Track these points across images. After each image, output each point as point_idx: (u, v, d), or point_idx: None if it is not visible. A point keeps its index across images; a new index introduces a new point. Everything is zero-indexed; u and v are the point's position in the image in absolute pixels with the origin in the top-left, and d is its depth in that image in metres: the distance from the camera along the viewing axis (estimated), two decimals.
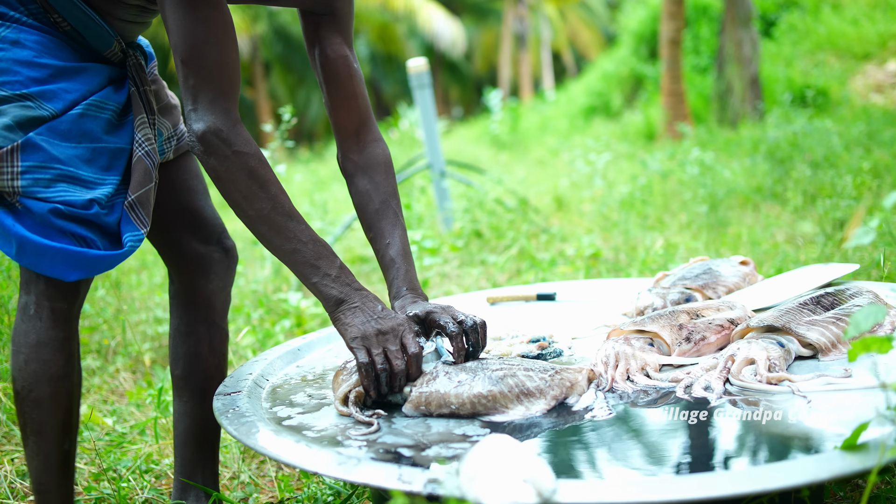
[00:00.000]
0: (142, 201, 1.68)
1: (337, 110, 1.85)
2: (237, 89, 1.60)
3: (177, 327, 2.01)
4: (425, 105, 5.36)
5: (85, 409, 2.73)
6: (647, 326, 1.74)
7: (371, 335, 1.55)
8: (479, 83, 29.27)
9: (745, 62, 10.36)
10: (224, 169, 1.55)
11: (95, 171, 1.63)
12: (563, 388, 1.54)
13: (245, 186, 1.56)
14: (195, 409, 2.01)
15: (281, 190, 1.59)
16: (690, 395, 1.52)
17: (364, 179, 1.84)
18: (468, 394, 1.50)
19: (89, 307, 3.60)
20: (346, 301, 1.58)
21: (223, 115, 1.56)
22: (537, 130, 14.74)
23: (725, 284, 2.08)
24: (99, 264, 1.62)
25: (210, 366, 2.01)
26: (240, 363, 3.13)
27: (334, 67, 1.83)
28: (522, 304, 2.35)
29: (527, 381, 1.53)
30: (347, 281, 1.60)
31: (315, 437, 1.46)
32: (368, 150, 1.86)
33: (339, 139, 1.88)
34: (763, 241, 3.95)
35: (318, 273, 1.59)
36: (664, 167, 6.18)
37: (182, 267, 1.97)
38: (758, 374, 1.54)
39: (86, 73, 1.65)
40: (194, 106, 1.56)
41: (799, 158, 5.49)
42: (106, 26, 1.68)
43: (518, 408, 1.50)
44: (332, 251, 1.62)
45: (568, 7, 28.68)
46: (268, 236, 1.59)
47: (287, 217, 1.58)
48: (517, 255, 4.37)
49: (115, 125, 1.68)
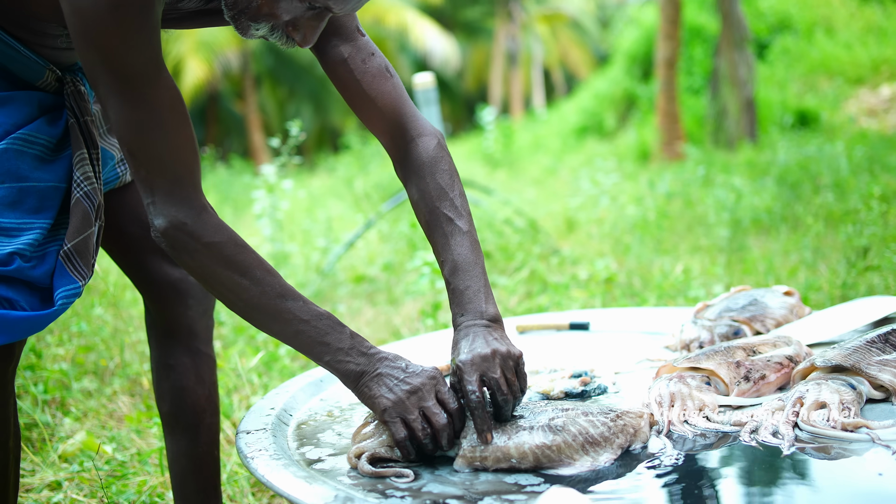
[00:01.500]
0: (80, 250, 1.47)
1: (365, 120, 1.63)
2: (197, 172, 1.41)
3: (158, 360, 1.84)
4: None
5: (83, 435, 2.60)
6: (702, 363, 1.63)
7: (403, 399, 1.38)
8: (469, 100, 29.26)
9: (741, 84, 10.35)
10: (198, 265, 1.39)
11: (21, 214, 1.42)
12: (628, 436, 1.41)
13: (226, 278, 1.39)
14: (190, 447, 1.85)
15: (266, 270, 1.41)
16: (757, 440, 1.41)
17: (412, 189, 1.62)
18: (529, 445, 1.35)
19: (86, 325, 3.47)
20: (367, 372, 1.42)
21: (184, 206, 1.37)
22: (530, 149, 14.69)
23: (773, 317, 1.98)
24: (24, 326, 1.41)
25: (200, 398, 1.84)
26: (245, 388, 3.00)
27: (337, 75, 1.60)
28: (554, 333, 2.23)
29: (590, 428, 1.39)
30: (362, 349, 1.43)
31: (353, 485, 1.34)
32: (408, 152, 1.62)
33: (386, 149, 1.65)
34: (781, 267, 3.85)
35: (330, 350, 1.42)
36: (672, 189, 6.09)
37: (157, 294, 1.80)
38: (830, 418, 1.42)
39: (11, 104, 1.45)
40: (151, 199, 1.37)
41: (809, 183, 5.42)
42: (34, 57, 1.48)
43: (584, 458, 1.36)
44: (338, 321, 1.44)
45: (559, 26, 28.75)
46: (265, 323, 1.43)
47: (280, 298, 1.40)
48: (528, 278, 4.26)
49: (48, 160, 1.47)
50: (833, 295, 3.31)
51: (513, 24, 26.17)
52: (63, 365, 3.16)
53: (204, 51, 17.81)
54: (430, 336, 2.27)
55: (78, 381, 3.12)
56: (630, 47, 15.74)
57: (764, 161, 7.03)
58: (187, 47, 17.64)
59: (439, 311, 3.71)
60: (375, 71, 1.60)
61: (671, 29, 10.31)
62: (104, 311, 3.71)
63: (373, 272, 4.89)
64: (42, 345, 3.30)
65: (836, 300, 3.23)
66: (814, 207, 4.70)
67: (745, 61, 10.39)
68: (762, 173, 6.40)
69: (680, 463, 1.35)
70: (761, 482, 1.27)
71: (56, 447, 2.57)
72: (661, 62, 10.47)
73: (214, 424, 1.88)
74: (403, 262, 4.89)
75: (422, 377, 1.41)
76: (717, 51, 10.68)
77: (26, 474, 2.41)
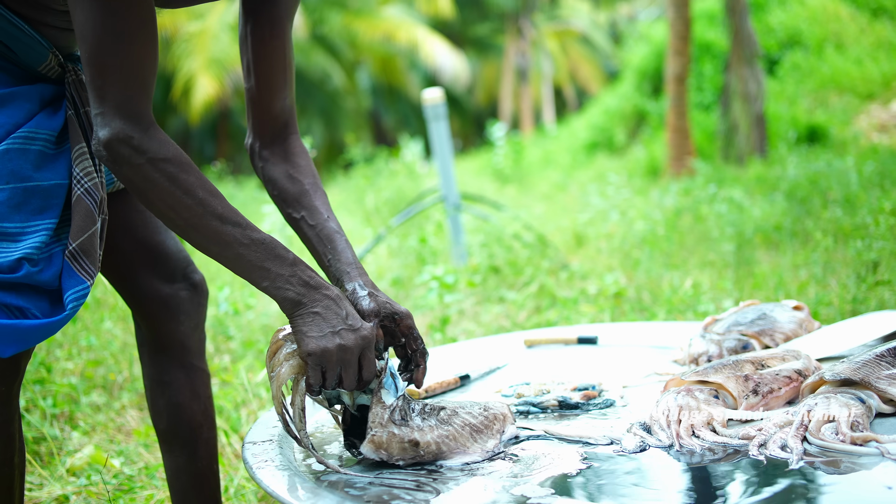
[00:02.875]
0: (85, 249, 1.46)
1: (263, 99, 1.63)
2: (152, 90, 1.39)
3: (152, 377, 1.82)
4: (440, 137, 5.27)
5: (91, 449, 2.60)
6: (710, 377, 1.62)
7: (330, 351, 1.38)
8: (478, 116, 29.31)
9: (751, 100, 10.33)
10: (140, 178, 1.34)
11: (26, 216, 1.41)
12: (500, 422, 1.51)
13: (167, 195, 1.35)
14: (189, 464, 1.83)
15: (210, 192, 1.38)
16: (765, 454, 1.40)
17: (286, 164, 1.63)
18: (431, 435, 1.43)
19: (95, 339, 3.47)
20: (304, 304, 1.39)
21: (133, 120, 1.34)
22: (540, 164, 14.70)
23: (783, 331, 1.97)
24: (37, 334, 1.41)
25: (196, 413, 1.83)
26: (252, 402, 3.00)
27: (269, 56, 1.60)
28: (562, 347, 2.23)
29: (470, 418, 1.48)
30: (304, 278, 1.40)
31: (358, 496, 1.34)
32: (291, 139, 1.66)
33: (258, 127, 1.65)
34: (790, 282, 3.84)
35: (269, 276, 1.38)
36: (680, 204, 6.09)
37: (147, 311, 1.77)
38: (839, 432, 1.41)
39: (13, 103, 1.44)
40: (101, 109, 1.34)
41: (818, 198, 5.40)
42: (37, 36, 1.47)
43: (475, 445, 1.46)
44: (282, 247, 1.41)
45: (569, 42, 28.81)
46: (205, 245, 1.39)
47: (220, 221, 1.37)
48: (537, 293, 4.25)
49: (50, 156, 1.46)
50: (843, 310, 3.29)
51: (523, 41, 26.24)
52: (72, 379, 3.17)
53: (215, 67, 17.90)
54: (439, 349, 2.26)
55: (87, 395, 3.12)
56: (640, 63, 15.75)
57: (774, 176, 7.02)
58: (198, 64, 17.74)
59: (447, 326, 3.71)
60: (293, 62, 1.66)
61: (681, 45, 10.31)
62: (113, 326, 3.72)
63: (382, 286, 4.89)
64: (51, 359, 3.31)
65: (846, 315, 3.21)
66: (823, 222, 4.68)
67: (755, 77, 10.38)
68: (772, 188, 6.38)
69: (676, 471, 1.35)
70: (770, 496, 1.26)
71: (64, 461, 2.57)
72: (671, 78, 10.47)
73: (212, 438, 1.87)
74: (412, 276, 4.89)
75: (356, 335, 1.40)
76: (727, 67, 10.67)
77: (34, 488, 2.41)
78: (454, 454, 1.43)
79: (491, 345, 2.28)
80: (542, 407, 1.71)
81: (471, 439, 1.45)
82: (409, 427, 1.43)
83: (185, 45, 18.11)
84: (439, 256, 5.38)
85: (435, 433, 1.43)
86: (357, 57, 23.22)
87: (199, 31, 18.20)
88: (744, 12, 10.31)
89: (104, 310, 3.92)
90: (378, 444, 1.41)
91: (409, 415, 1.45)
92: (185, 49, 18.06)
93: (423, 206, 5.80)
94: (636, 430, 1.52)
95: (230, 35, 18.28)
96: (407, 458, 1.41)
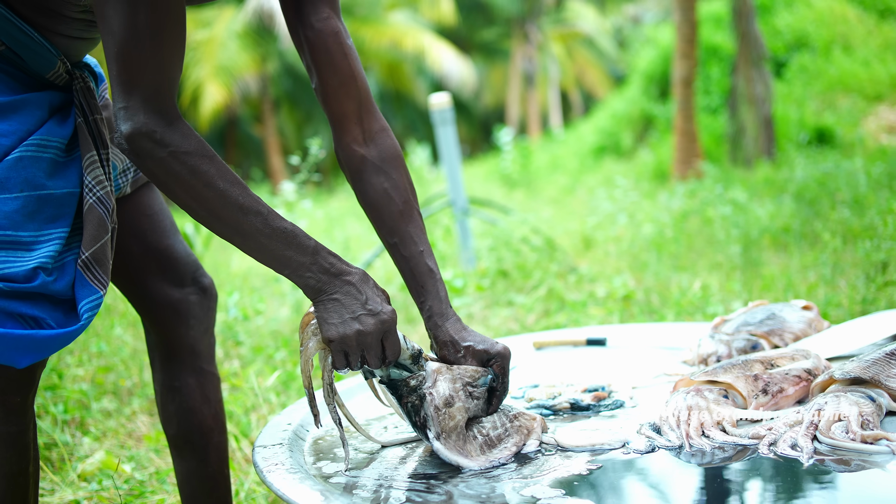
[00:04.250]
0: (97, 258, 1.46)
1: (333, 96, 1.59)
2: (177, 85, 1.40)
3: (162, 382, 1.82)
4: (448, 142, 5.28)
5: (102, 455, 2.61)
6: (719, 377, 1.62)
7: (350, 337, 1.39)
8: (486, 121, 29.33)
9: (758, 102, 10.32)
10: (162, 172, 1.35)
11: (39, 224, 1.41)
12: (522, 436, 1.51)
13: (189, 187, 1.35)
14: (200, 468, 1.84)
15: (231, 181, 1.37)
16: (776, 452, 1.40)
17: (380, 176, 1.58)
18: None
19: (105, 346, 3.49)
20: (325, 291, 1.41)
21: (158, 115, 1.34)
22: (548, 169, 14.70)
23: (792, 331, 1.96)
24: (52, 345, 1.40)
25: (207, 418, 1.83)
26: (262, 407, 3.01)
27: (326, 45, 1.57)
28: (571, 349, 2.23)
29: (491, 430, 1.50)
30: (325, 266, 1.41)
31: (370, 498, 1.34)
32: (379, 140, 1.60)
33: (340, 129, 1.61)
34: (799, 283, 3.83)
35: (290, 264, 1.40)
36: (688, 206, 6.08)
37: (157, 316, 1.78)
38: (850, 431, 1.41)
39: (24, 110, 1.44)
40: (126, 104, 1.34)
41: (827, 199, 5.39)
42: (47, 44, 1.46)
43: (480, 458, 1.46)
44: (304, 235, 1.41)
45: (575, 46, 28.82)
46: (228, 235, 1.40)
47: (241, 211, 1.37)
48: (545, 296, 4.25)
49: (61, 164, 1.46)
50: (853, 311, 3.29)
51: (529, 46, 26.26)
52: (83, 385, 3.18)
53: (223, 75, 17.96)
54: None
55: (97, 401, 3.14)
56: (647, 67, 15.74)
57: (782, 178, 7.01)
58: (206, 72, 17.80)
59: None
60: (356, 54, 1.62)
61: (688, 48, 10.30)
62: (123, 332, 3.74)
63: (390, 291, 4.89)
64: (62, 365, 3.33)
65: (855, 316, 3.20)
66: (832, 223, 4.67)
67: (762, 79, 10.37)
68: (780, 190, 6.37)
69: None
70: (780, 495, 1.26)
71: (75, 466, 2.58)
72: (678, 81, 10.46)
73: (223, 443, 1.88)
74: None
75: (376, 319, 1.41)
76: (734, 69, 10.66)
77: (46, 493, 2.42)
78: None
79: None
80: (553, 409, 1.71)
81: (479, 450, 1.46)
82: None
83: (193, 53, 18.17)
84: (448, 261, 5.38)
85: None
86: (364, 63, 23.23)
87: (207, 39, 18.26)
88: (750, 15, 10.31)
89: (114, 316, 3.94)
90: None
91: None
92: (194, 57, 18.12)
93: (431, 211, 5.81)
94: (646, 431, 1.52)
95: (238, 43, 18.34)
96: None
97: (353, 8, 21.53)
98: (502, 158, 13.59)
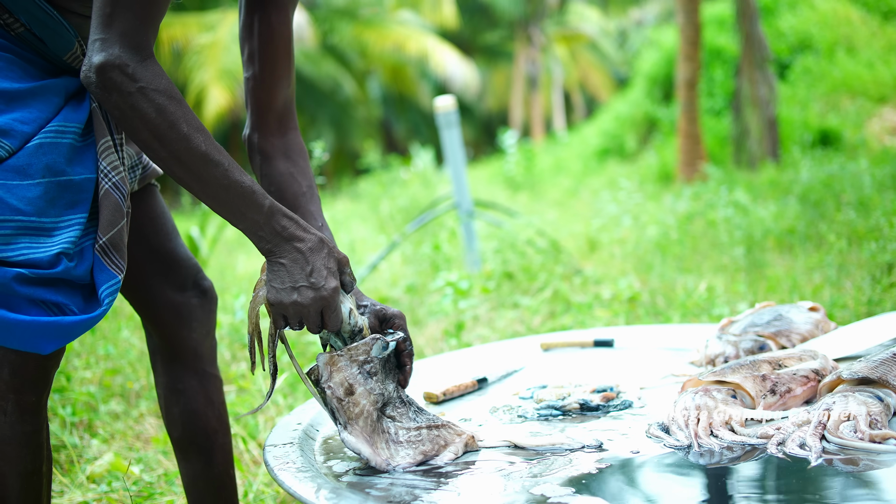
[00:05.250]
0: (114, 242, 1.47)
1: (266, 88, 1.67)
2: (157, 25, 1.39)
3: (166, 385, 1.83)
4: (452, 144, 5.29)
5: (111, 457, 2.62)
6: (727, 377, 1.63)
7: (287, 306, 1.42)
8: (489, 124, 29.34)
9: (762, 104, 10.31)
10: (128, 106, 1.34)
11: (60, 210, 1.42)
12: (437, 446, 1.49)
13: (153, 126, 1.34)
14: (206, 470, 1.85)
15: (196, 127, 1.37)
16: (784, 452, 1.40)
17: (287, 162, 1.70)
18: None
19: (112, 348, 3.50)
20: (274, 253, 1.43)
21: (134, 50, 1.34)
22: (551, 171, 14.70)
23: (799, 332, 1.97)
24: (75, 330, 1.43)
25: (211, 419, 1.84)
26: (270, 409, 3.02)
27: (276, 44, 1.66)
28: (579, 350, 2.24)
29: (401, 432, 1.50)
30: (277, 228, 1.42)
31: (381, 496, 1.35)
32: (291, 136, 1.72)
33: (261, 118, 1.70)
34: (804, 285, 3.83)
35: (245, 220, 1.41)
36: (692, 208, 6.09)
37: (159, 319, 1.79)
38: (858, 430, 1.42)
39: (43, 96, 1.45)
40: (103, 36, 1.33)
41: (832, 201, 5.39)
42: (65, 23, 1.47)
43: (384, 452, 1.47)
44: (261, 194, 1.42)
45: (578, 49, 28.83)
46: (186, 181, 1.39)
47: (202, 159, 1.37)
48: (551, 298, 4.26)
49: (78, 149, 1.47)
50: (859, 312, 3.29)
51: (532, 48, 26.28)
52: (90, 388, 3.19)
53: (226, 79, 17.98)
54: (453, 355, 2.28)
55: (105, 404, 3.15)
56: (650, 69, 15.74)
57: (787, 180, 7.01)
58: (210, 76, 17.82)
59: (462, 332, 3.72)
60: (294, 56, 1.71)
61: (691, 50, 10.30)
62: (130, 334, 3.75)
63: (396, 294, 4.90)
64: (70, 368, 3.34)
65: (861, 317, 3.21)
66: (837, 225, 4.67)
67: (766, 81, 10.36)
68: (785, 192, 6.38)
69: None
70: (789, 494, 1.26)
71: (84, 468, 2.59)
72: (681, 84, 10.46)
73: (227, 444, 1.89)
74: (426, 283, 4.91)
75: (316, 293, 1.42)
76: (738, 71, 10.65)
77: (55, 495, 2.43)
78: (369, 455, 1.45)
79: (507, 349, 2.29)
80: (564, 410, 1.72)
81: (385, 445, 1.47)
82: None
83: (197, 56, 18.20)
84: (453, 263, 5.39)
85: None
86: (367, 66, 23.27)
87: (211, 42, 18.29)
88: (754, 17, 10.30)
89: (121, 319, 3.95)
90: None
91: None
92: (197, 61, 18.14)
93: (436, 214, 5.82)
94: (655, 431, 1.53)
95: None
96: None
97: (356, 11, 21.57)
98: (506, 161, 13.59)
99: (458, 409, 1.84)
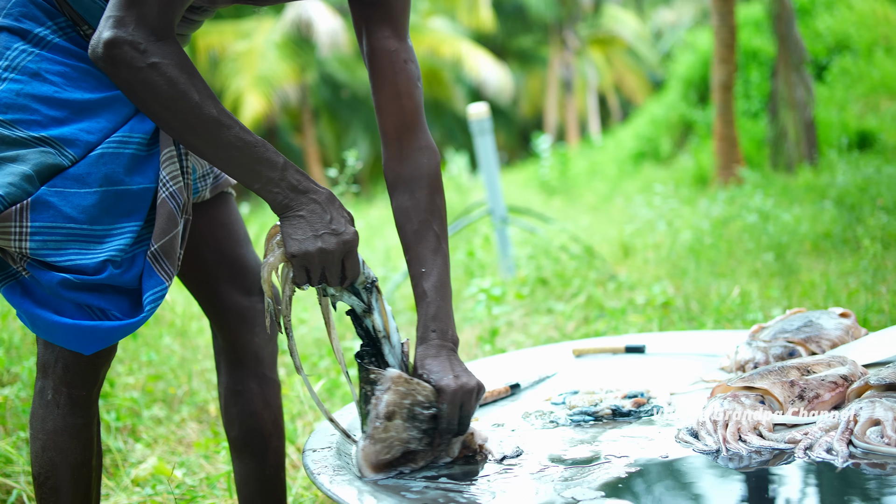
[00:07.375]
0: (166, 250, 1.51)
1: (381, 111, 1.64)
2: (180, 12, 1.41)
3: (227, 385, 1.90)
4: (486, 151, 5.33)
5: (154, 461, 2.69)
6: (756, 383, 1.65)
7: (312, 254, 1.44)
8: (524, 128, 29.32)
9: (800, 106, 10.22)
10: (138, 80, 1.35)
11: (114, 218, 1.47)
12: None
13: (166, 98, 1.36)
14: (258, 470, 1.91)
15: (208, 95, 1.39)
16: (811, 456, 1.43)
17: (404, 194, 1.63)
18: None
19: (155, 355, 3.58)
20: (291, 207, 1.45)
21: (150, 31, 1.35)
22: (586, 175, 14.68)
23: (829, 338, 1.99)
24: (116, 334, 1.49)
25: (267, 422, 1.90)
26: (308, 414, 3.08)
27: (379, 62, 1.62)
28: (610, 356, 2.27)
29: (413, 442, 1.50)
30: (292, 182, 1.44)
31: (416, 499, 1.39)
32: (412, 159, 1.64)
33: (384, 144, 1.67)
34: (839, 290, 3.82)
35: (260, 179, 1.43)
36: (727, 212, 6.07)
37: (225, 322, 1.85)
38: (885, 435, 1.44)
39: (112, 107, 1.49)
40: (120, 14, 1.34)
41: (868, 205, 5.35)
42: None
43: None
44: (273, 151, 1.44)
45: (613, 52, 28.72)
46: (200, 147, 1.42)
47: (215, 124, 1.39)
48: (585, 304, 4.29)
49: (141, 159, 1.51)
50: (894, 316, 3.28)
51: (567, 52, 26.24)
52: (133, 393, 3.27)
53: (263, 85, 18.18)
54: (488, 360, 2.32)
55: (148, 409, 3.22)
56: (686, 72, 15.65)
57: (823, 183, 6.96)
58: (246, 82, 18.03)
59: (496, 337, 3.75)
60: (410, 73, 1.64)
61: (727, 53, 10.24)
62: (172, 341, 3.83)
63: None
64: (114, 374, 3.42)
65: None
66: (872, 229, 4.64)
67: (803, 83, 10.27)
68: (821, 196, 6.33)
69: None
70: (816, 498, 1.29)
71: (129, 472, 2.66)
72: (717, 86, 10.40)
73: (280, 447, 1.95)
74: (461, 289, 4.95)
75: (338, 238, 1.45)
76: (774, 73, 10.57)
77: (101, 498, 2.50)
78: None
79: (540, 355, 2.33)
80: (595, 416, 1.75)
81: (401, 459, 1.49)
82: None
83: (233, 63, 18.43)
84: (487, 269, 5.43)
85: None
86: None
87: (247, 50, 18.51)
88: (790, 18, 10.22)
89: (163, 326, 4.03)
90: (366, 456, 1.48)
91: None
92: (233, 68, 18.37)
93: (470, 220, 5.87)
94: (684, 436, 1.56)
95: (277, 53, 18.55)
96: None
97: None
98: (541, 165, 13.61)
99: (491, 414, 1.88)
